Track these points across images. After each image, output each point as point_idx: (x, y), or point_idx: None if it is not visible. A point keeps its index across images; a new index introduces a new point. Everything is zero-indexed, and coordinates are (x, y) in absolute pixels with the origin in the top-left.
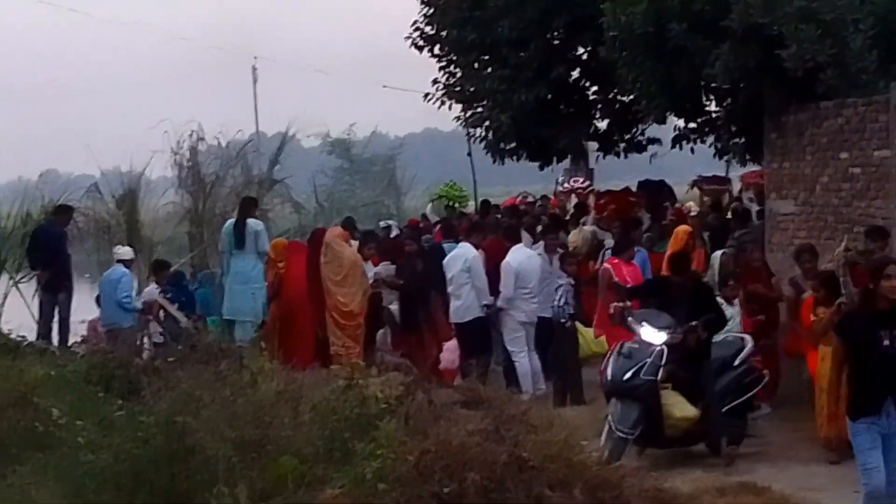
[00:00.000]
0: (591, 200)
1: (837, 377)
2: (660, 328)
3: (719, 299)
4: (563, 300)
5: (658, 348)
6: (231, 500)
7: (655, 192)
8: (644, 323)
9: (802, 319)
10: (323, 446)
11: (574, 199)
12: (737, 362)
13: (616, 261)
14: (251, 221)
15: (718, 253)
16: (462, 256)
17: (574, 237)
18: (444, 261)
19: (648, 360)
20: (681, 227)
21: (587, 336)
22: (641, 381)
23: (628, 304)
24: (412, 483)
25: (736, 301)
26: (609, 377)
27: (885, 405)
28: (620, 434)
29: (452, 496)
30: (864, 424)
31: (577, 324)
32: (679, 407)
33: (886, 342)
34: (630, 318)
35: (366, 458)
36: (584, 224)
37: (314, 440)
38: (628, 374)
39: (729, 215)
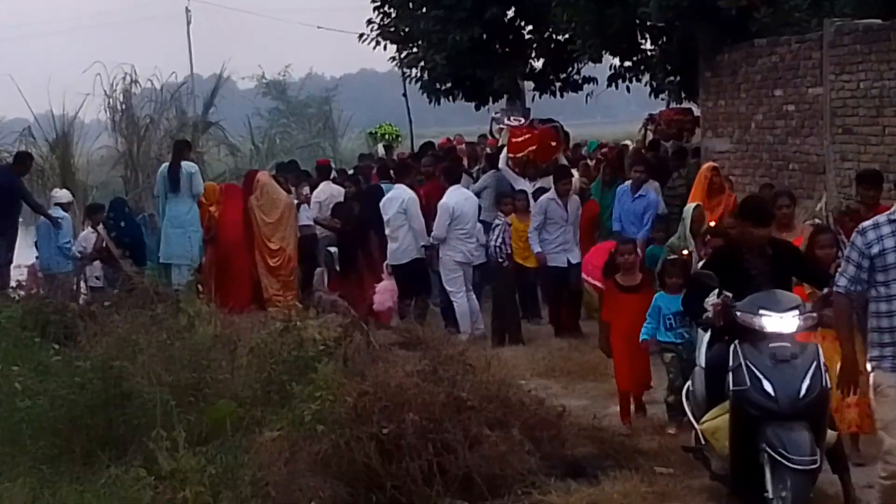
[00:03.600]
0: (506, 137)
1: None
2: (785, 311)
3: None
4: (499, 240)
5: (814, 345)
6: (169, 444)
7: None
8: (762, 311)
9: None
10: (261, 389)
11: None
12: None
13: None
14: (185, 164)
15: (691, 206)
16: (398, 198)
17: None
18: (381, 203)
19: (815, 363)
20: (705, 165)
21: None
22: (819, 391)
23: (728, 294)
24: (351, 424)
25: None
26: (777, 395)
27: None
28: (802, 467)
29: (391, 437)
30: None
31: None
32: None
33: None
34: (740, 313)
35: (304, 401)
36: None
37: (252, 383)
38: (804, 389)
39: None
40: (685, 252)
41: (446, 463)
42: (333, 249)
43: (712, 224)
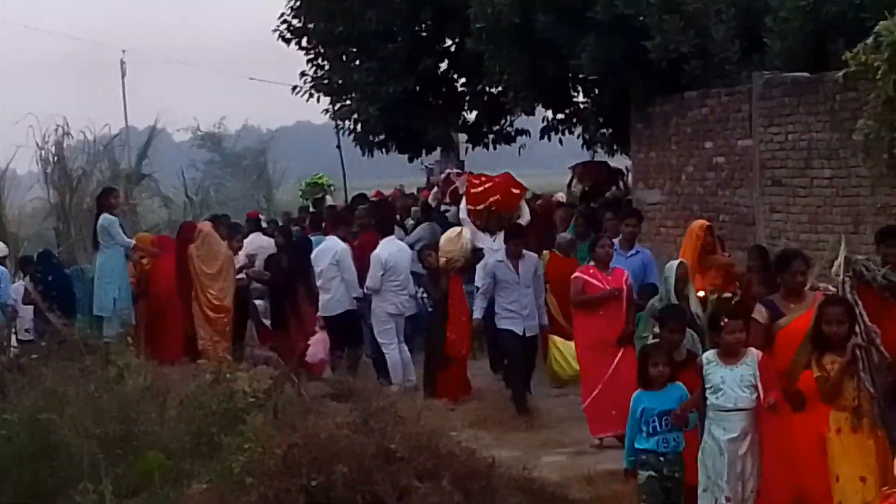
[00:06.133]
0: (462, 183)
1: None
2: None
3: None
4: (423, 291)
5: None
6: (96, 497)
7: None
8: None
9: (778, 359)
10: (190, 441)
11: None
12: None
13: (591, 269)
14: (102, 217)
15: (674, 263)
16: (331, 250)
17: (450, 245)
18: (312, 254)
19: None
20: (697, 223)
21: (567, 353)
22: None
23: None
24: (280, 476)
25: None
26: None
27: None
28: None
29: (320, 489)
30: None
31: (556, 338)
32: None
33: None
34: None
35: (233, 453)
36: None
37: (181, 435)
38: None
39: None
40: None
41: None
42: (259, 302)
43: (701, 294)
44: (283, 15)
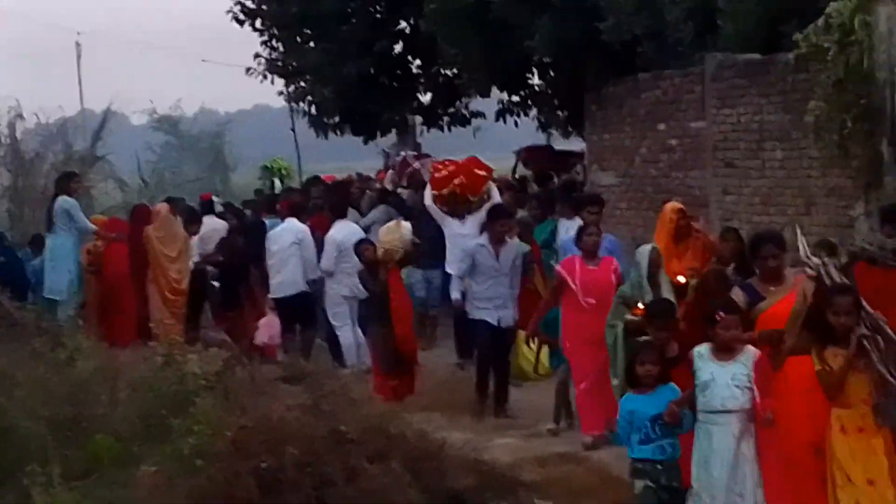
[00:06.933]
0: (428, 168)
1: None
2: None
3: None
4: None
5: None
6: (44, 479)
7: None
8: None
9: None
10: (140, 424)
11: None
12: None
13: (577, 261)
14: (60, 199)
15: (647, 247)
16: (291, 231)
17: (389, 235)
18: (268, 235)
19: None
20: (668, 206)
21: (530, 357)
22: None
23: None
24: (230, 459)
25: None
26: None
27: None
28: None
29: (270, 471)
30: None
31: (523, 334)
32: None
33: None
34: None
35: (183, 435)
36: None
37: (131, 418)
38: None
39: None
40: (640, 306)
41: (326, 496)
42: (215, 284)
43: (681, 279)
44: None
